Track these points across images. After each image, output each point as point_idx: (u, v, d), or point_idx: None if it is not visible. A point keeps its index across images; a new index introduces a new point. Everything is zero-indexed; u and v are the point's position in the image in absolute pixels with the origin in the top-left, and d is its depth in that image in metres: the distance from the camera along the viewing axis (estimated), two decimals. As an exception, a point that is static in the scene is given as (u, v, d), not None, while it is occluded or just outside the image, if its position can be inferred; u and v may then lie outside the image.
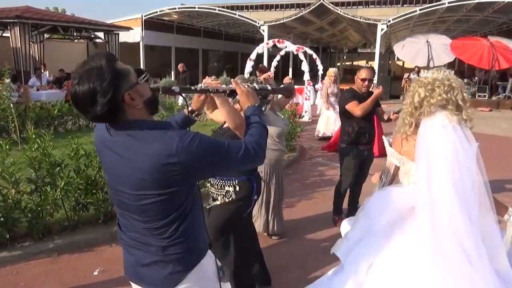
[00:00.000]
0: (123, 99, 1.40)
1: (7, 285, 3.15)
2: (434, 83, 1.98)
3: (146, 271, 1.55)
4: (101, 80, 1.35)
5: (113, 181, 1.53)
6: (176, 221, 1.49)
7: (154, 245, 1.51)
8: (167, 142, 1.38)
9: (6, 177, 3.58)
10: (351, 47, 36.53)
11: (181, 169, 1.38)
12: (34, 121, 7.66)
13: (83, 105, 1.38)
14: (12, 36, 12.67)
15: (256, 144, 1.56)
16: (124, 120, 1.44)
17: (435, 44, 15.71)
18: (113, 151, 1.47)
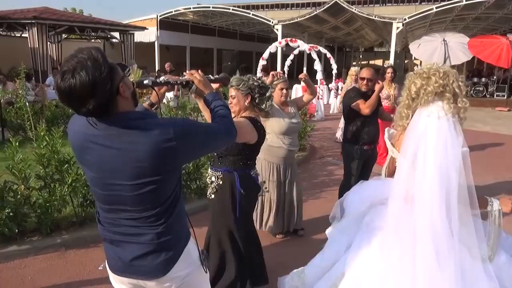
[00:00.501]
0: (118, 91, 1.43)
1: (15, 278, 3.24)
2: (429, 72, 1.99)
3: (139, 262, 1.59)
4: (100, 71, 1.36)
5: (104, 176, 1.53)
6: (168, 208, 1.57)
7: (148, 233, 1.55)
8: (163, 127, 1.47)
9: (16, 173, 3.68)
10: (367, 46, 36.17)
11: (179, 152, 1.49)
12: (49, 119, 7.84)
13: (79, 98, 1.36)
14: (30, 37, 12.99)
15: (231, 123, 1.74)
16: (115, 113, 1.46)
17: (452, 42, 15.39)
18: (104, 146, 1.48)
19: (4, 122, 7.65)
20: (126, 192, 1.51)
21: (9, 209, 3.47)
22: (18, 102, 7.72)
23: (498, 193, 5.25)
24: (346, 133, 4.24)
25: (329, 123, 11.09)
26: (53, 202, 3.73)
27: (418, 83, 2.00)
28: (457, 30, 20.79)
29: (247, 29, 26.48)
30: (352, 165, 4.18)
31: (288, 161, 3.90)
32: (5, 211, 3.44)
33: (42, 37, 12.98)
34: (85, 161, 1.57)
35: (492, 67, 17.84)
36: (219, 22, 24.02)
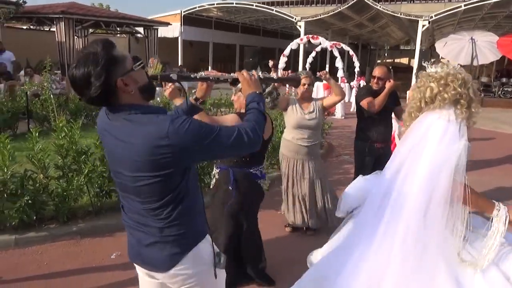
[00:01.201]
0: (116, 84, 1.46)
1: (32, 263, 3.36)
2: (447, 78, 1.91)
3: (146, 252, 1.62)
4: (95, 65, 1.42)
5: (113, 163, 1.60)
6: (171, 203, 1.55)
7: (153, 226, 1.58)
8: (159, 125, 1.44)
9: (35, 163, 3.81)
10: (393, 44, 35.49)
11: (172, 151, 1.44)
12: (72, 111, 8.06)
13: (79, 88, 1.46)
14: (57, 31, 13.37)
15: (250, 130, 1.56)
16: (119, 104, 1.50)
17: (480, 41, 14.94)
18: (111, 135, 1.54)
19: (30, 114, 7.91)
20: (127, 182, 1.56)
21: (28, 196, 3.60)
22: (44, 94, 7.98)
23: None
24: (357, 130, 4.25)
25: (349, 121, 10.97)
26: (70, 192, 3.84)
27: (434, 88, 1.92)
28: (487, 28, 20.14)
29: (270, 25, 26.40)
30: (362, 163, 4.16)
31: (300, 156, 3.91)
32: (24, 199, 3.57)
33: (69, 32, 13.33)
34: (104, 147, 1.68)
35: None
36: (242, 18, 24.05)
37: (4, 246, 3.55)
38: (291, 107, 3.89)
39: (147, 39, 16.48)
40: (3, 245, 3.55)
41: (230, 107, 8.13)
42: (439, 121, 1.86)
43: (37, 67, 12.83)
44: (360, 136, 4.19)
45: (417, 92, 2.01)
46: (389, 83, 3.92)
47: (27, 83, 8.93)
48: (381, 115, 4.01)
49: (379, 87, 4.00)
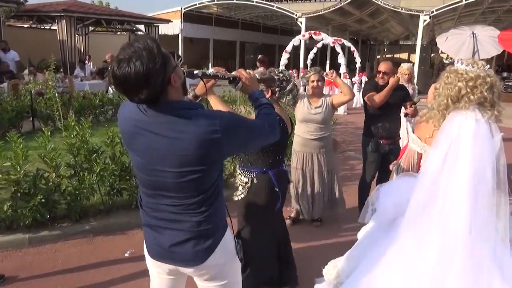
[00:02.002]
0: (169, 81, 1.47)
1: (47, 262, 3.39)
2: (476, 81, 1.92)
3: (178, 249, 1.64)
4: (154, 62, 1.40)
5: (150, 161, 1.57)
6: (211, 196, 1.61)
7: (188, 221, 1.60)
8: (210, 119, 1.51)
9: (47, 162, 3.83)
10: (393, 39, 35.39)
11: (223, 143, 1.51)
12: (76, 110, 8.06)
13: (134, 87, 1.41)
14: (59, 29, 13.33)
15: (270, 122, 1.73)
16: (165, 101, 1.50)
17: (481, 35, 14.83)
18: (152, 132, 1.52)
19: (34, 112, 7.92)
20: (170, 179, 1.55)
21: (41, 195, 3.62)
22: (48, 93, 7.98)
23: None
24: (364, 125, 4.29)
25: (351, 117, 11.00)
26: (82, 190, 3.87)
27: (462, 89, 1.93)
28: (488, 22, 20.11)
29: (271, 21, 26.35)
30: (368, 158, 4.24)
31: (308, 149, 3.99)
32: (37, 198, 3.59)
33: (71, 30, 13.29)
34: (133, 146, 1.62)
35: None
36: (243, 15, 23.99)
37: (19, 245, 3.58)
38: (300, 102, 3.97)
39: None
40: (18, 244, 3.58)
41: (233, 104, 8.15)
42: (468, 121, 1.88)
43: (39, 66, 12.83)
44: (366, 131, 4.25)
45: (445, 89, 2.01)
46: (393, 79, 3.94)
47: (31, 82, 8.92)
48: (386, 111, 4.03)
49: (384, 82, 4.04)
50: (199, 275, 1.72)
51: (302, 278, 3.11)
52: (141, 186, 1.69)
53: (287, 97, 2.86)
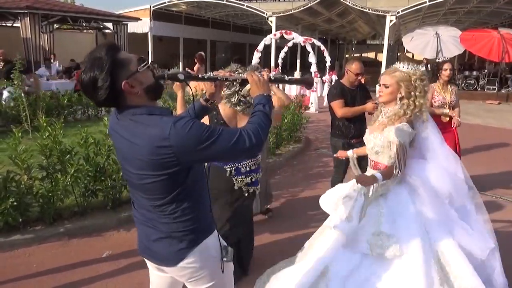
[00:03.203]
0: (121, 87, 1.51)
1: (21, 266, 3.30)
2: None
3: (154, 246, 1.69)
4: (100, 70, 1.48)
5: (122, 161, 1.68)
6: (176, 200, 1.59)
7: (159, 221, 1.64)
8: (162, 126, 1.48)
9: (18, 164, 3.72)
10: (360, 38, 36.25)
11: (174, 152, 1.47)
12: (44, 110, 7.81)
13: (88, 92, 1.54)
14: (22, 26, 12.83)
15: (253, 132, 1.55)
16: (126, 106, 1.56)
17: (444, 36, 15.54)
18: (119, 134, 1.61)
19: (-2, 113, 7.62)
20: (134, 180, 1.63)
21: (12, 198, 3.52)
22: (14, 93, 7.69)
23: (490, 184, 5.42)
24: (332, 127, 4.30)
25: (323, 115, 11.19)
26: (55, 192, 3.78)
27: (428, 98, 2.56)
28: (449, 23, 20.94)
29: (241, 20, 26.34)
30: (339, 160, 4.25)
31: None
32: (8, 201, 3.49)
33: (35, 27, 12.82)
34: (114, 145, 1.75)
35: (483, 60, 18.07)
36: (213, 14, 23.86)
37: (-10, 250, 3.47)
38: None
39: (116, 35, 16.08)
40: (-12, 249, 3.47)
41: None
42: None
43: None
44: (335, 133, 4.24)
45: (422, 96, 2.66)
46: (371, 105, 3.91)
47: (-6, 82, 8.57)
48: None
49: (360, 83, 4.14)
50: (178, 276, 1.75)
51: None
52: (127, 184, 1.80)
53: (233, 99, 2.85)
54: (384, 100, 2.70)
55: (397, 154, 2.50)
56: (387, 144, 2.59)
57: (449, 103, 4.81)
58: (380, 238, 2.44)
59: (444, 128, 4.54)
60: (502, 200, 5.00)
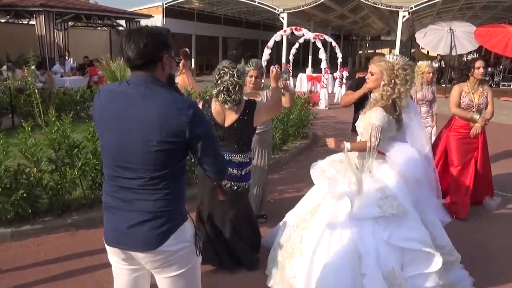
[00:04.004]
0: (162, 58, 1.70)
1: (30, 255, 3.44)
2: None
3: (133, 231, 1.69)
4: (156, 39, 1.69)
5: (119, 133, 1.67)
6: (168, 177, 1.69)
7: (147, 200, 1.67)
8: (181, 99, 1.72)
9: (28, 157, 3.85)
10: (374, 34, 35.91)
11: (187, 122, 1.63)
12: (57, 106, 8.00)
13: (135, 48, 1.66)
14: (37, 24, 13.13)
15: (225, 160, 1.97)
16: (152, 75, 1.70)
17: (458, 31, 15.32)
18: (120, 105, 1.68)
19: (13, 109, 7.83)
20: (133, 152, 1.65)
21: (22, 190, 3.65)
22: (27, 89, 7.90)
23: (500, 181, 5.36)
24: (352, 122, 4.37)
25: (333, 112, 11.18)
26: (64, 185, 3.91)
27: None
28: (465, 19, 20.61)
29: (253, 17, 26.39)
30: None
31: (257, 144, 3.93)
32: (19, 192, 3.62)
33: (49, 25, 13.10)
34: (104, 122, 1.75)
35: (499, 56, 17.74)
36: (225, 10, 23.96)
37: (1, 239, 3.62)
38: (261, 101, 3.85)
39: (129, 32, 16.31)
40: (0, 238, 3.61)
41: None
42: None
43: (17, 62, 12.61)
44: (352, 128, 4.32)
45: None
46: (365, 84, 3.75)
47: (10, 78, 8.80)
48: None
49: None
50: (151, 261, 1.74)
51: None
52: (105, 166, 1.76)
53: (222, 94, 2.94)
54: (370, 86, 3.10)
55: (370, 134, 2.83)
56: (366, 126, 2.91)
57: (476, 106, 4.38)
58: (388, 200, 2.72)
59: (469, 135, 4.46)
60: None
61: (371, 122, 2.83)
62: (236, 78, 2.94)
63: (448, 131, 4.64)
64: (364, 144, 2.87)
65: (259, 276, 3.16)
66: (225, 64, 2.98)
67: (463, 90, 4.43)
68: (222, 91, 2.94)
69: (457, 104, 4.45)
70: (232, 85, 2.92)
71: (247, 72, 3.85)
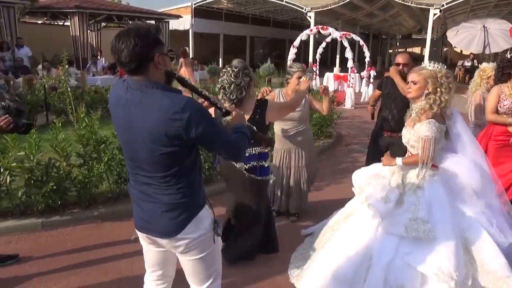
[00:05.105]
0: (153, 57, 1.70)
1: (58, 244, 3.63)
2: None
3: (156, 220, 1.85)
4: (144, 38, 1.69)
5: (128, 135, 1.80)
6: (179, 172, 1.79)
7: (161, 194, 1.81)
8: (176, 101, 1.68)
9: (59, 152, 4.06)
10: (405, 33, 34.97)
11: (183, 126, 1.66)
12: (88, 104, 8.32)
13: (124, 53, 1.68)
14: (71, 25, 13.65)
15: (241, 143, 1.91)
16: (146, 78, 1.73)
17: (492, 29, 14.78)
18: (128, 108, 1.75)
19: (48, 106, 8.20)
20: (141, 153, 1.78)
21: (52, 183, 3.85)
22: (61, 87, 8.25)
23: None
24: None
25: (359, 112, 11.06)
26: (91, 178, 4.09)
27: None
28: (501, 15, 19.83)
29: (281, 16, 26.33)
30: (369, 148, 4.52)
31: (286, 146, 4.03)
32: (49, 185, 3.83)
33: (83, 26, 13.59)
34: (117, 121, 1.85)
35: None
36: (253, 10, 24.04)
37: (32, 229, 3.82)
38: (277, 100, 3.92)
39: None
40: (31, 228, 3.83)
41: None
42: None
43: (52, 61, 13.15)
44: (375, 125, 4.46)
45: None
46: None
47: (45, 77, 9.22)
48: (395, 105, 4.12)
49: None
50: (173, 247, 1.91)
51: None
52: (126, 161, 1.92)
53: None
54: (413, 96, 2.89)
55: (423, 147, 2.74)
56: (417, 139, 2.80)
57: None
58: (417, 223, 2.66)
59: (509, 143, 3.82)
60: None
61: (423, 134, 2.74)
62: (233, 77, 2.95)
63: (487, 140, 3.96)
64: (416, 158, 2.80)
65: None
66: (235, 63, 3.04)
67: (502, 92, 3.81)
68: (220, 90, 3.04)
69: (494, 109, 3.84)
70: (228, 84, 2.98)
71: (293, 73, 3.87)
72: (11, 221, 3.84)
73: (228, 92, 2.99)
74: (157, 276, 2.16)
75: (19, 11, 13.41)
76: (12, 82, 8.86)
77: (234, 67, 3.01)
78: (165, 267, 2.13)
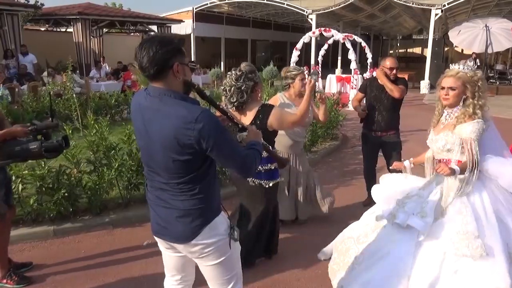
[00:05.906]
0: (172, 66, 1.73)
1: (71, 251, 3.63)
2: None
3: (171, 226, 1.87)
4: (167, 46, 1.73)
5: (146, 141, 1.84)
6: (194, 179, 1.81)
7: (176, 199, 1.83)
8: (192, 111, 1.70)
9: (69, 158, 4.07)
10: (406, 33, 34.99)
11: (195, 136, 1.68)
12: (93, 110, 8.34)
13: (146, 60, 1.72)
14: (74, 31, 13.71)
15: (252, 160, 1.90)
16: (166, 86, 1.76)
17: (494, 28, 14.80)
18: (147, 115, 1.79)
19: (53, 113, 8.18)
20: (157, 159, 1.81)
21: (64, 190, 3.86)
22: (66, 94, 8.28)
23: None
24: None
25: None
26: (101, 185, 4.10)
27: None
28: (502, 14, 19.83)
29: (282, 19, 26.38)
30: (362, 149, 4.72)
31: (293, 151, 3.98)
32: (60, 192, 3.83)
33: (86, 32, 13.65)
34: (136, 127, 1.91)
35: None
36: (254, 13, 24.09)
37: (44, 236, 3.83)
38: (282, 104, 3.77)
39: (160, 37, 16.74)
40: (43, 235, 3.83)
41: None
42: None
43: (56, 68, 13.21)
44: (363, 124, 4.59)
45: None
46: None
47: (50, 83, 9.25)
48: (383, 106, 4.26)
49: (395, 76, 4.20)
50: (189, 252, 1.92)
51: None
52: (144, 166, 1.96)
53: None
54: (451, 102, 2.70)
55: (471, 150, 2.56)
56: (458, 142, 2.64)
57: None
58: (467, 237, 2.43)
59: None
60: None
61: (468, 136, 2.57)
62: (234, 80, 2.95)
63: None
64: (466, 164, 2.58)
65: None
66: (242, 66, 3.02)
67: None
68: (222, 92, 3.07)
69: None
70: (228, 86, 2.98)
71: (294, 76, 3.81)
72: (23, 229, 3.85)
73: (228, 94, 3.00)
74: (177, 281, 2.17)
75: (23, 19, 13.47)
76: (17, 90, 8.89)
77: (238, 70, 3.01)
78: (184, 271, 2.14)
